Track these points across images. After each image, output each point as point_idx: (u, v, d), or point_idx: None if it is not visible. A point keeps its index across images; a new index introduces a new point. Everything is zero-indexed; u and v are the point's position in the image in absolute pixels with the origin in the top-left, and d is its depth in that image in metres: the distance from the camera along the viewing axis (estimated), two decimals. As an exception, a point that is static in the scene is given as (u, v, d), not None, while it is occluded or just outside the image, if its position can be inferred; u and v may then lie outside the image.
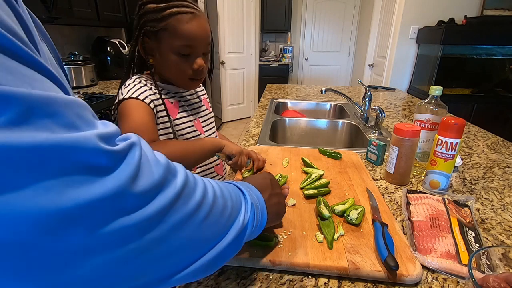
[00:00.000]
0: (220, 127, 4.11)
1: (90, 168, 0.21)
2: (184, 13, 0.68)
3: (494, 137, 1.22)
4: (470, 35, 2.51)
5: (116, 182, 0.22)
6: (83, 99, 1.64)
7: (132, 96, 0.70)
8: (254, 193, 0.43)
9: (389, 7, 3.24)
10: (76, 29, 2.38)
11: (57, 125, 0.20)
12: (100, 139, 0.22)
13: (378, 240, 0.52)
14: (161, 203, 0.25)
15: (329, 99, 1.89)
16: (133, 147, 0.25)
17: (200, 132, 0.85)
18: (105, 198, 0.21)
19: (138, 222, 0.23)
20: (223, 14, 3.70)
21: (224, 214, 0.34)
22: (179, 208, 0.27)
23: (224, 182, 0.42)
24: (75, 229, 0.20)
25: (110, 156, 0.22)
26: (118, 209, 0.22)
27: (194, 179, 0.32)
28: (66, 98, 0.22)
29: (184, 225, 0.27)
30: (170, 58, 0.71)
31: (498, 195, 0.76)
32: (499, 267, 0.39)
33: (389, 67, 3.22)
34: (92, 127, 0.23)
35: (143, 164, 0.25)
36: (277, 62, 4.51)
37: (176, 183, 0.28)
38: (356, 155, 0.97)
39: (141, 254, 0.24)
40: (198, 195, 0.30)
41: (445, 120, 0.70)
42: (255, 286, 0.47)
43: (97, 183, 0.21)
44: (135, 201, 0.23)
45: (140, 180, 0.24)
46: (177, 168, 0.30)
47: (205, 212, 0.31)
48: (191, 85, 0.79)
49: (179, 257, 0.28)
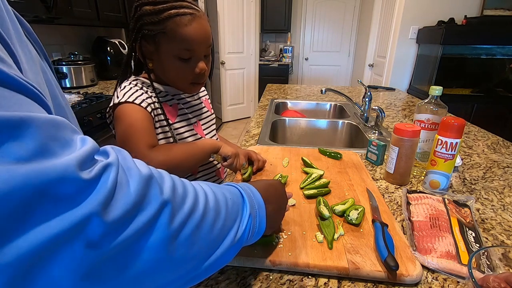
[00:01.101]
0: (220, 127, 4.11)
1: (56, 200, 0.19)
2: (183, 15, 0.64)
3: (494, 137, 1.22)
4: (470, 35, 2.51)
5: (84, 211, 0.20)
6: (83, 99, 1.64)
7: (128, 101, 0.67)
8: (256, 200, 0.41)
9: (389, 7, 3.24)
10: (76, 29, 2.38)
11: (25, 151, 0.18)
12: (78, 165, 0.21)
13: (378, 240, 0.52)
14: (138, 224, 0.23)
15: (329, 99, 1.89)
16: (108, 168, 0.23)
17: (201, 136, 0.83)
18: (67, 232, 0.19)
19: (111, 248, 0.21)
20: (223, 14, 3.70)
21: (215, 228, 0.32)
22: (160, 227, 0.25)
23: (225, 185, 0.40)
24: (43, 268, 0.18)
25: (82, 184, 0.21)
26: (85, 240, 0.20)
27: (183, 188, 0.30)
28: (40, 118, 0.20)
29: (165, 245, 0.26)
30: (170, 62, 0.68)
31: (498, 195, 0.76)
32: (499, 267, 0.39)
33: (389, 67, 3.22)
34: (68, 149, 0.21)
35: (119, 186, 0.23)
36: (277, 62, 4.51)
37: (158, 200, 0.26)
38: (356, 155, 0.97)
39: (107, 277, 0.22)
40: (186, 208, 0.28)
41: (445, 120, 0.70)
42: (255, 286, 0.47)
43: (60, 217, 0.19)
44: (105, 229, 0.21)
45: (112, 206, 0.22)
46: (164, 180, 0.28)
47: (192, 227, 0.28)
48: (192, 89, 0.76)
49: (157, 276, 0.26)
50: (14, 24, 0.27)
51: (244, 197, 0.40)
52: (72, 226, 0.19)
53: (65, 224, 0.19)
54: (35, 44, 0.34)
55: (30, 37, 0.34)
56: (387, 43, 3.25)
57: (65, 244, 0.19)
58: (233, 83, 4.22)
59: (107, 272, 0.22)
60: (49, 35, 2.13)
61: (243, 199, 0.40)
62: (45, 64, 0.35)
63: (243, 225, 0.37)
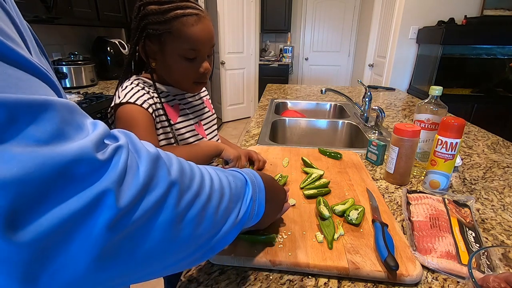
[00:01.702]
0: (220, 127, 4.11)
1: (72, 180, 0.20)
2: (189, 15, 0.65)
3: (494, 137, 1.22)
4: (470, 35, 2.51)
5: (95, 191, 0.21)
6: (83, 99, 1.64)
7: (130, 101, 0.67)
8: (258, 184, 0.43)
9: (389, 7, 3.24)
10: (76, 29, 2.38)
11: (43, 134, 0.19)
12: (94, 147, 0.21)
13: (378, 240, 0.52)
14: (147, 204, 0.24)
15: (329, 99, 1.89)
16: (119, 150, 0.24)
17: (202, 136, 0.82)
18: (82, 211, 0.20)
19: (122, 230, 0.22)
20: (223, 14, 3.70)
21: (220, 208, 0.33)
22: (168, 208, 0.26)
23: (229, 170, 0.42)
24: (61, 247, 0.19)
25: (96, 164, 0.21)
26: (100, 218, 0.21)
27: (191, 170, 0.31)
28: (56, 101, 0.21)
29: (173, 225, 0.27)
30: (174, 62, 0.69)
31: (498, 195, 0.76)
32: (499, 267, 0.39)
33: (389, 67, 3.22)
34: (81, 133, 0.22)
35: (129, 168, 0.24)
36: (277, 62, 4.51)
37: (166, 181, 0.26)
38: (356, 155, 0.97)
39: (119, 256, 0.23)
40: (193, 189, 0.29)
41: (445, 120, 0.70)
42: (255, 286, 0.47)
43: (76, 196, 0.20)
44: (118, 208, 0.22)
45: (123, 187, 0.23)
46: (172, 162, 0.29)
47: (198, 208, 0.29)
48: (195, 88, 0.77)
49: (165, 256, 0.27)
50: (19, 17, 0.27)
51: (248, 180, 0.41)
52: (88, 204, 0.20)
53: (81, 202, 0.20)
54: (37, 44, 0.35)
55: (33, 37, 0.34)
56: (387, 43, 3.25)
57: (81, 222, 0.20)
58: (233, 83, 4.22)
59: (119, 251, 0.22)
60: (49, 35, 2.13)
61: (246, 182, 0.41)
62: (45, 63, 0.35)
63: (245, 207, 0.38)
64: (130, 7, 2.46)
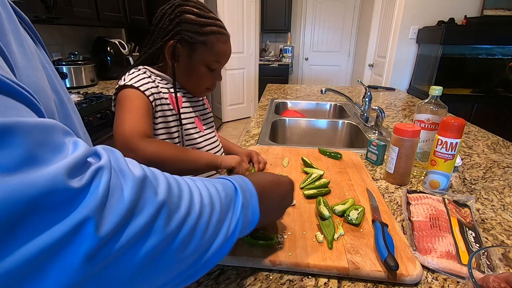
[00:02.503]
0: (220, 127, 4.11)
1: (45, 211, 0.18)
2: (223, 34, 0.76)
3: (494, 137, 1.22)
4: (470, 35, 2.51)
5: (72, 222, 0.19)
6: (83, 99, 1.64)
7: (133, 85, 0.70)
8: (248, 190, 0.41)
9: (389, 7, 3.24)
10: (76, 29, 2.38)
11: (11, 160, 0.17)
12: (67, 173, 0.20)
13: (378, 240, 0.52)
14: (134, 230, 0.23)
15: (329, 99, 1.89)
16: (99, 173, 0.22)
17: (200, 129, 0.85)
18: (58, 244, 0.18)
19: (103, 260, 0.21)
20: (223, 14, 3.70)
21: (211, 224, 0.31)
22: (156, 232, 0.24)
23: (217, 179, 0.40)
24: (26, 283, 0.17)
25: (72, 193, 0.20)
26: (74, 252, 0.19)
27: (178, 188, 0.29)
28: (29, 122, 0.19)
29: (162, 248, 0.25)
30: (198, 68, 0.77)
31: (498, 195, 0.76)
32: (499, 267, 0.39)
33: (389, 67, 3.22)
34: (59, 155, 0.20)
35: (112, 190, 0.22)
36: (277, 62, 4.51)
37: (154, 203, 0.25)
38: (356, 155, 0.97)
39: (101, 283, 0.21)
40: (183, 208, 0.28)
41: (445, 120, 0.70)
42: (255, 286, 0.47)
43: (51, 229, 0.18)
44: (99, 238, 0.20)
45: (105, 213, 0.21)
46: (159, 181, 0.27)
47: (189, 228, 0.28)
48: (204, 93, 0.85)
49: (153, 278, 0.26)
50: (9, 17, 0.26)
51: (237, 187, 0.39)
52: (62, 237, 0.18)
53: (55, 236, 0.18)
54: (32, 34, 0.33)
55: (27, 27, 0.32)
56: (387, 43, 3.25)
57: (55, 256, 0.18)
58: (233, 83, 4.22)
59: (102, 279, 0.21)
60: (49, 35, 2.13)
61: (236, 190, 0.39)
62: (45, 57, 0.34)
63: (235, 217, 0.36)
64: (130, 7, 2.46)
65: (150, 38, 0.77)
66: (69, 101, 0.37)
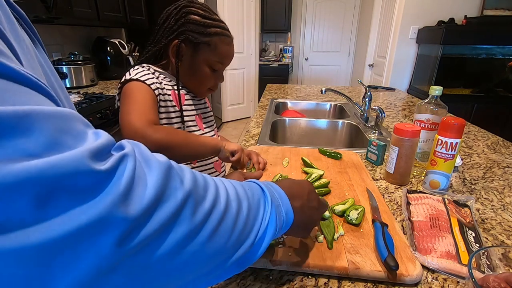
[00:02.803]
0: (220, 127, 4.11)
1: (73, 193, 0.18)
2: (227, 36, 0.78)
3: (494, 137, 1.22)
4: (470, 35, 2.51)
5: (102, 206, 0.19)
6: (83, 99, 1.64)
7: (139, 79, 0.72)
8: (276, 191, 0.39)
9: (389, 7, 3.24)
10: (76, 29, 2.38)
11: (35, 146, 0.18)
12: (90, 157, 0.20)
13: (378, 240, 0.52)
14: (161, 218, 0.22)
15: (329, 99, 1.89)
16: (124, 159, 0.22)
17: (200, 128, 0.86)
18: (89, 226, 0.18)
19: (133, 245, 0.21)
20: (223, 14, 3.71)
21: (239, 219, 0.30)
22: (183, 221, 0.24)
23: (243, 182, 0.39)
24: (59, 261, 0.18)
25: (98, 176, 0.20)
26: (105, 236, 0.19)
27: (204, 180, 0.29)
28: (47, 110, 0.20)
29: (190, 239, 0.24)
30: (201, 68, 0.78)
31: (498, 195, 0.76)
32: (499, 267, 0.39)
33: (389, 67, 3.22)
34: (81, 142, 0.21)
35: (137, 178, 0.22)
36: (277, 62, 4.51)
37: (180, 191, 0.24)
38: (356, 155, 0.97)
39: (132, 272, 0.21)
40: (209, 199, 0.27)
41: (445, 120, 0.70)
42: (255, 286, 0.47)
43: (80, 210, 0.18)
44: (127, 224, 0.20)
45: (132, 199, 0.21)
46: (184, 172, 0.27)
47: (216, 219, 0.27)
48: (206, 93, 0.87)
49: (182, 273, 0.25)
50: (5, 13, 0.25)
51: (263, 188, 0.38)
52: (91, 221, 0.19)
53: (84, 218, 0.18)
54: (30, 31, 0.32)
55: (25, 24, 0.32)
56: (387, 43, 3.25)
57: (87, 239, 0.19)
58: (233, 83, 4.22)
59: (131, 268, 0.21)
60: (49, 35, 2.13)
61: (263, 190, 0.38)
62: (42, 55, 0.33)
63: (267, 214, 0.35)
64: (130, 7, 2.46)
65: (154, 37, 0.79)
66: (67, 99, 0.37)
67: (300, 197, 0.44)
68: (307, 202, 0.45)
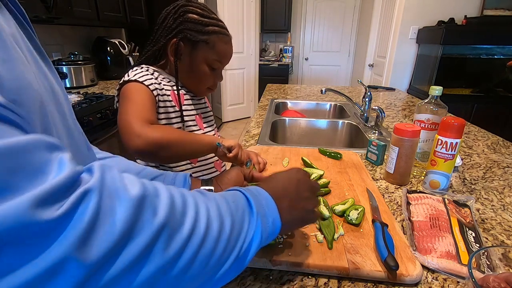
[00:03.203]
0: (220, 127, 4.11)
1: (19, 246, 0.17)
2: (225, 34, 0.78)
3: (494, 137, 1.22)
4: (470, 35, 2.51)
5: (53, 256, 0.18)
6: (83, 99, 1.64)
7: (137, 80, 0.72)
8: (263, 197, 0.38)
9: (389, 7, 3.24)
10: (76, 29, 2.38)
11: None
12: (37, 205, 0.18)
13: (378, 240, 0.52)
14: (128, 256, 0.21)
15: (329, 99, 1.89)
16: (86, 197, 0.20)
17: (200, 127, 0.86)
18: (38, 280, 0.17)
19: (101, 285, 0.20)
20: (223, 14, 3.70)
21: (220, 242, 0.29)
22: (156, 254, 0.23)
23: (228, 191, 0.39)
24: None
25: (47, 225, 0.18)
26: (64, 284, 0.18)
27: (183, 203, 0.27)
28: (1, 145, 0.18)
29: (163, 274, 0.23)
30: (200, 67, 0.78)
31: (498, 195, 0.76)
32: (499, 267, 0.39)
33: (389, 67, 3.22)
34: (36, 180, 0.19)
35: (102, 215, 0.20)
36: (277, 62, 4.51)
37: (153, 224, 0.23)
38: (356, 155, 0.97)
39: None
40: (186, 228, 0.26)
41: (445, 120, 0.70)
42: (255, 286, 0.47)
43: (28, 264, 0.17)
44: (87, 269, 0.19)
45: (93, 242, 0.19)
46: (159, 198, 0.25)
47: (193, 249, 0.26)
48: (205, 93, 0.87)
49: None
50: None
51: (249, 198, 0.37)
52: (43, 272, 0.17)
53: (35, 271, 0.17)
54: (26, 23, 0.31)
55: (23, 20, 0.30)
56: (387, 43, 3.25)
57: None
58: (233, 83, 4.22)
59: None
60: (49, 35, 2.13)
61: (248, 200, 0.37)
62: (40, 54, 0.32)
63: (252, 228, 0.34)
64: (130, 7, 2.46)
65: (154, 36, 0.79)
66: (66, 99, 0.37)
67: (288, 195, 0.43)
68: (297, 195, 0.44)
